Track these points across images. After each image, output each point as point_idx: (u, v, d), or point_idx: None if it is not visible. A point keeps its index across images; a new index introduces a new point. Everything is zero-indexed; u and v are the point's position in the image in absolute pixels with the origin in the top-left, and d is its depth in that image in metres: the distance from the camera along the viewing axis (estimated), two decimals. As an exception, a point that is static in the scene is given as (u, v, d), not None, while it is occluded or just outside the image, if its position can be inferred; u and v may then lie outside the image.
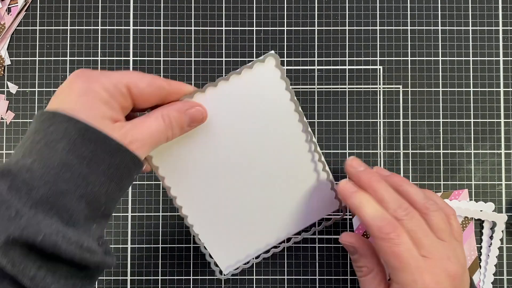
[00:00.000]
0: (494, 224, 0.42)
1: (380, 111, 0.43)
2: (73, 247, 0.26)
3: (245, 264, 0.39)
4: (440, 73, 0.43)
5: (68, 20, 0.44)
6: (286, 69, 0.43)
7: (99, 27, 0.44)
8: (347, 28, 0.44)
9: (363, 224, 0.33)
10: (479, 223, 0.42)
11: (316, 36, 0.44)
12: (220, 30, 0.44)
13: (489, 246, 0.42)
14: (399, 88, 0.43)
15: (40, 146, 0.27)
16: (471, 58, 0.43)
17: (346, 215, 0.42)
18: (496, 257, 0.42)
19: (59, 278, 0.26)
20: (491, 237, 0.42)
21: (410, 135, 0.43)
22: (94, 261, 0.27)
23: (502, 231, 0.42)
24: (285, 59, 0.43)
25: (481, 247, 0.42)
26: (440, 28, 0.44)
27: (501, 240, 0.42)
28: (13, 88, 0.43)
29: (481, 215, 0.42)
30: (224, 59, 0.43)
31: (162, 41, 0.44)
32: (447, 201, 0.42)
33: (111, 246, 0.43)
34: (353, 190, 0.34)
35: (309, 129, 0.37)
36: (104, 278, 0.43)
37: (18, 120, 0.43)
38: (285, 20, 0.44)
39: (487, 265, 0.42)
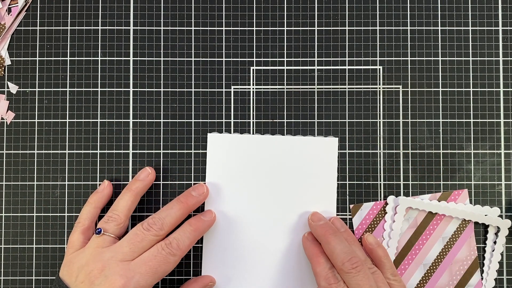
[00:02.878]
0: (499, 229, 0.42)
1: (380, 111, 0.43)
2: None
3: None
4: (440, 73, 0.43)
5: (68, 20, 0.44)
6: (286, 69, 0.43)
7: (99, 27, 0.44)
8: (347, 28, 0.44)
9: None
10: (484, 227, 0.43)
11: (316, 36, 0.44)
12: (220, 30, 0.44)
13: (493, 251, 0.42)
14: (399, 88, 0.43)
15: None
16: (471, 58, 0.43)
17: (346, 214, 0.43)
18: (498, 262, 0.42)
19: None
20: (495, 242, 0.42)
21: (410, 135, 0.43)
22: None
23: (506, 237, 0.42)
24: (285, 59, 0.43)
25: (485, 252, 0.42)
26: (440, 28, 0.44)
27: (503, 245, 0.42)
28: (13, 88, 0.43)
29: (485, 220, 0.42)
30: (224, 59, 0.43)
31: (162, 41, 0.44)
32: (450, 202, 0.42)
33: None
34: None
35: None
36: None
37: (19, 120, 0.43)
38: (285, 20, 0.44)
39: (489, 270, 0.42)
